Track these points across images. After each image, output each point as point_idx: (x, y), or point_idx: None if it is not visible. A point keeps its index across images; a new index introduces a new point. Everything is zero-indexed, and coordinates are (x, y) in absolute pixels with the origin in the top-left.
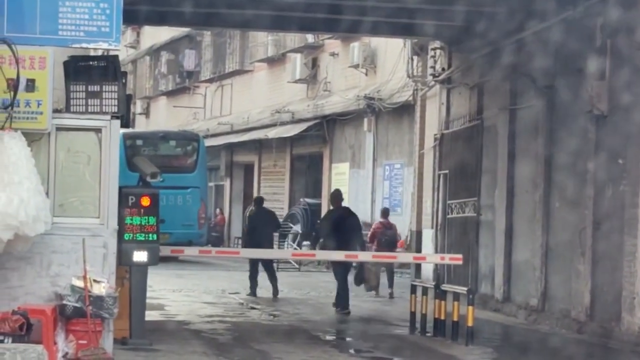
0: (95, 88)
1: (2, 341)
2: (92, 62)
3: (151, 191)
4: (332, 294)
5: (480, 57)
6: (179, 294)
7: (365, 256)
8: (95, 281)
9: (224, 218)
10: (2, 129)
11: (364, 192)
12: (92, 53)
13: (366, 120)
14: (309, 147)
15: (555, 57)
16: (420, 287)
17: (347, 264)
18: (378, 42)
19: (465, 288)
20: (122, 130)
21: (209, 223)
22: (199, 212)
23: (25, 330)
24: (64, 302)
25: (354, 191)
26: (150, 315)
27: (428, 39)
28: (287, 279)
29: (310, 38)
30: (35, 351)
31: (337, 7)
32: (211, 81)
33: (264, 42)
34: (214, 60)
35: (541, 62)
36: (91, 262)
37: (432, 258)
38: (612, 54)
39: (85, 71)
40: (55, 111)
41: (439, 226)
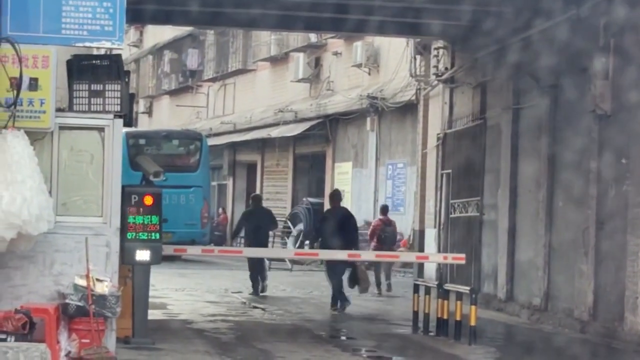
0: (98, 87)
1: (5, 340)
2: (95, 61)
3: (154, 190)
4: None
5: (484, 57)
6: (181, 293)
7: (369, 255)
8: (98, 280)
9: (226, 217)
10: (5, 127)
11: (366, 191)
12: (95, 52)
13: (369, 119)
14: (312, 147)
15: (559, 57)
16: (423, 287)
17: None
18: (381, 42)
19: (468, 287)
20: (125, 129)
21: (212, 222)
22: (201, 211)
23: (28, 329)
24: (67, 301)
25: (356, 190)
26: (153, 314)
27: (432, 38)
28: (289, 278)
29: (313, 37)
30: (38, 350)
31: (343, 6)
32: (214, 80)
33: (266, 41)
34: (216, 60)
35: (545, 61)
36: (94, 261)
37: (435, 257)
38: (616, 53)
39: (88, 70)
40: (58, 110)
41: (441, 226)
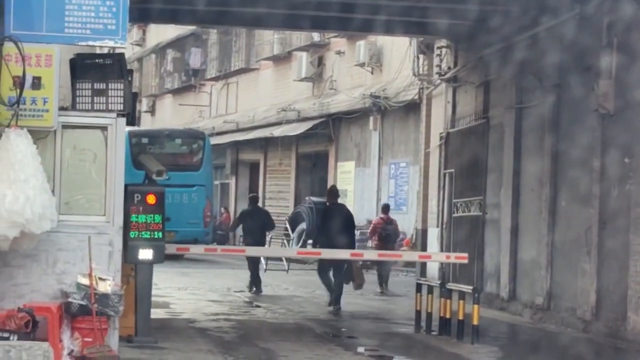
0: (101, 86)
1: (7, 338)
2: (98, 60)
3: (157, 189)
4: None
5: (487, 55)
6: (184, 291)
7: (372, 254)
8: (100, 279)
9: (229, 216)
10: (8, 126)
11: (369, 190)
12: (98, 51)
13: (372, 118)
14: (315, 146)
15: (563, 55)
16: (426, 286)
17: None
18: (384, 41)
19: (471, 287)
20: (128, 128)
21: (215, 221)
22: (204, 210)
23: (30, 327)
24: (70, 299)
25: (359, 190)
26: (155, 313)
27: (437, 38)
28: (292, 277)
29: (316, 36)
30: (40, 348)
31: (349, 5)
32: (217, 79)
33: (269, 40)
34: (219, 59)
35: (549, 60)
36: (97, 260)
37: (438, 257)
38: (619, 52)
39: (91, 69)
40: (61, 109)
41: (444, 225)
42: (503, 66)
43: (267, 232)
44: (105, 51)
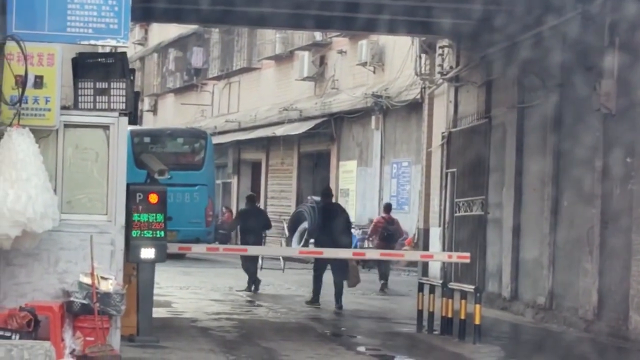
0: (103, 85)
1: (9, 337)
2: (100, 59)
3: (159, 188)
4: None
5: (489, 55)
6: (186, 291)
7: (373, 254)
8: (102, 278)
9: (231, 216)
10: (10, 125)
11: (371, 190)
12: (100, 50)
13: (374, 118)
14: (317, 145)
15: (565, 55)
16: (428, 285)
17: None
18: (386, 40)
19: (473, 286)
20: (130, 128)
21: (216, 220)
22: (206, 210)
23: (32, 326)
24: (72, 298)
25: (361, 189)
26: (157, 313)
27: (440, 37)
28: (294, 276)
29: (318, 36)
30: (42, 348)
31: (353, 5)
32: (219, 79)
33: (271, 39)
34: (221, 58)
35: (551, 59)
36: (99, 259)
37: (440, 256)
38: (621, 52)
39: (94, 68)
40: (63, 108)
41: (446, 224)
42: (505, 66)
43: (263, 231)
44: (108, 50)
